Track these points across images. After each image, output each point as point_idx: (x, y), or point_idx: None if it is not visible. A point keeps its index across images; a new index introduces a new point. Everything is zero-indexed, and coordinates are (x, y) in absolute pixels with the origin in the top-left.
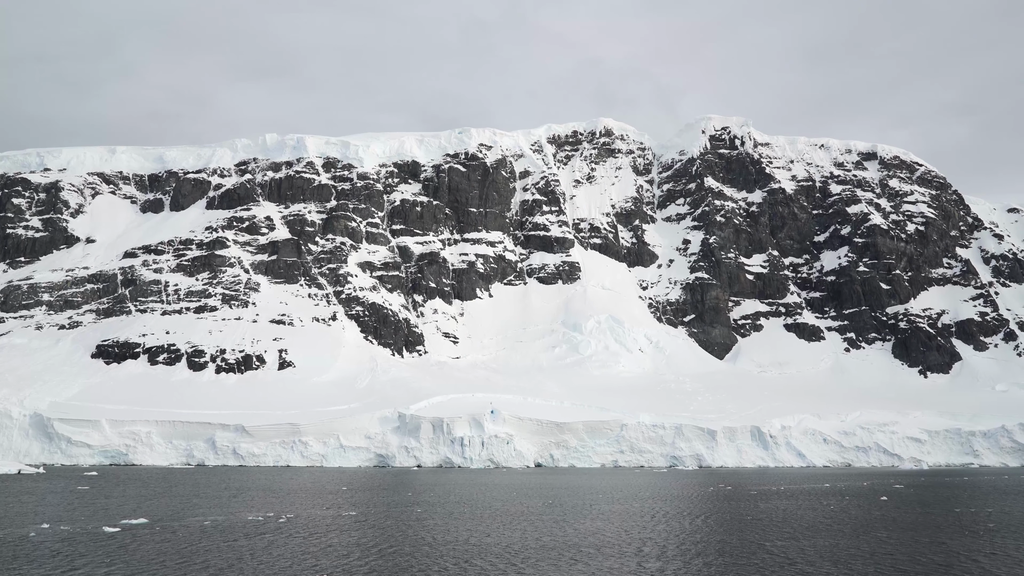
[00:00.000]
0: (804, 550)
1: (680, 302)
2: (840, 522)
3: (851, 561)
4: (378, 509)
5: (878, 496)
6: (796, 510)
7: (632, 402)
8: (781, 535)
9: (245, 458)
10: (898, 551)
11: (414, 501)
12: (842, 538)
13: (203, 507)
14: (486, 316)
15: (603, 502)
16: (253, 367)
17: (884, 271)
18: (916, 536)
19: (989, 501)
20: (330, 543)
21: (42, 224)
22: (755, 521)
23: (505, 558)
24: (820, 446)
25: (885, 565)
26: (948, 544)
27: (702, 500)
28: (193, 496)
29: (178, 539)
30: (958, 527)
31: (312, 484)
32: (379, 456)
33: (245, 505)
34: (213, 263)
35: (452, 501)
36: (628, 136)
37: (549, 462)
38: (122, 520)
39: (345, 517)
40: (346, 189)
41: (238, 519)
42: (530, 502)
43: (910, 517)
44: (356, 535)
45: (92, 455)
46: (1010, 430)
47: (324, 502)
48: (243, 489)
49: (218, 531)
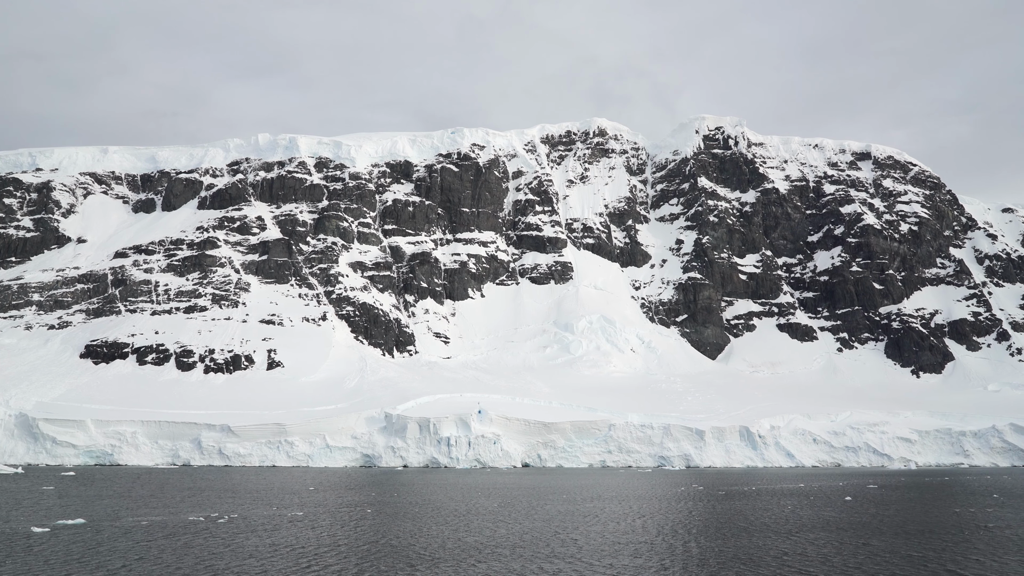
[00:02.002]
0: (719, 550)
1: (673, 302)
2: (780, 522)
3: (757, 562)
4: (327, 509)
5: (843, 497)
6: (747, 511)
7: (621, 402)
8: (709, 536)
9: (231, 458)
10: (812, 551)
11: (371, 502)
12: (766, 538)
13: (151, 507)
14: (478, 316)
15: (558, 502)
16: (242, 367)
17: (877, 271)
18: (842, 536)
19: (957, 502)
20: (248, 544)
21: (33, 224)
22: (694, 522)
23: (408, 559)
24: (809, 446)
25: (785, 566)
26: (871, 545)
27: (662, 500)
28: (151, 496)
29: (98, 540)
30: (897, 528)
31: (282, 484)
32: (365, 456)
33: (195, 505)
34: (204, 263)
35: (408, 502)
36: (622, 136)
37: (537, 462)
38: (58, 520)
39: (288, 517)
40: (338, 189)
41: (178, 519)
42: (486, 502)
43: (858, 518)
44: (282, 535)
45: (77, 455)
46: (1000, 430)
47: (278, 502)
48: (204, 489)
49: (146, 531)
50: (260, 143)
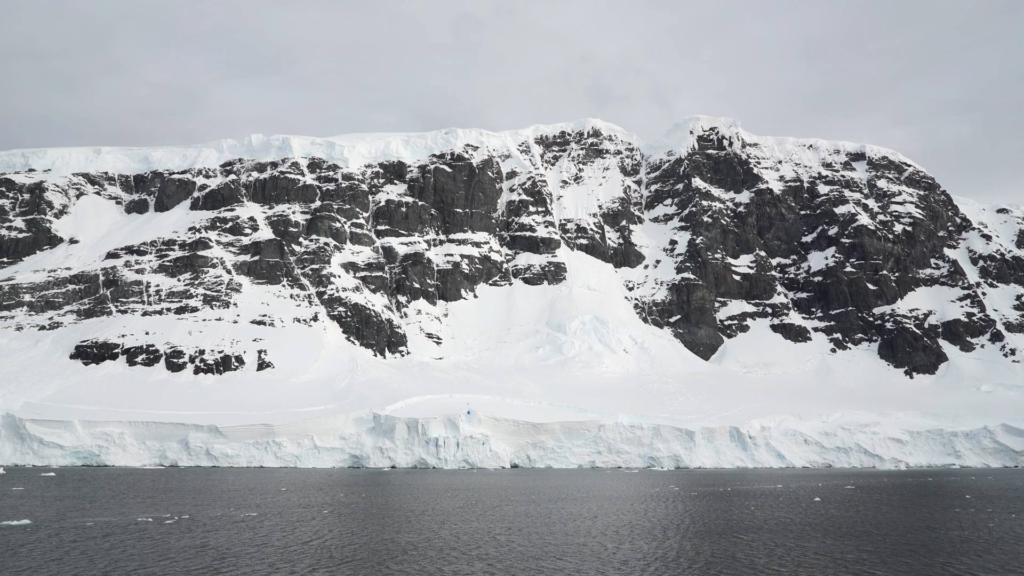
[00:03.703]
0: (645, 552)
1: (666, 303)
2: (727, 524)
3: (676, 563)
4: (282, 511)
5: (813, 498)
6: (705, 512)
7: (612, 403)
8: (645, 538)
9: (219, 459)
10: (741, 554)
11: (334, 503)
12: (701, 540)
13: (106, 508)
14: (470, 317)
15: (521, 503)
16: (232, 368)
17: (871, 271)
18: (782, 538)
19: (925, 503)
20: (178, 544)
21: (25, 225)
22: (641, 524)
23: (328, 560)
24: (800, 447)
25: (705, 568)
26: (803, 547)
27: (626, 502)
28: (112, 496)
29: (28, 541)
30: (843, 530)
31: (257, 485)
32: (353, 457)
33: (152, 506)
34: (195, 264)
35: (371, 503)
36: (616, 136)
37: (526, 463)
38: (3, 521)
39: (238, 518)
40: (331, 189)
41: (125, 520)
42: (450, 503)
43: (811, 519)
44: (218, 536)
45: (64, 456)
46: (992, 431)
47: (239, 503)
48: (174, 489)
49: (83, 532)
50: (253, 143)
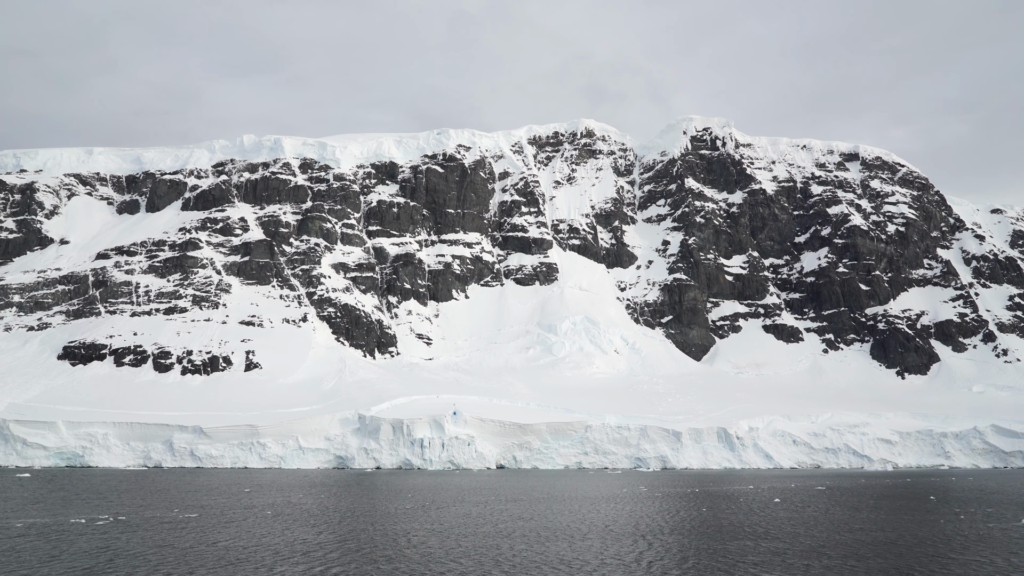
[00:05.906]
0: (560, 555)
1: (658, 303)
2: (666, 525)
3: (586, 566)
4: (228, 511)
5: (773, 499)
6: (654, 513)
7: (601, 403)
8: (569, 539)
9: (203, 460)
10: (668, 556)
11: (282, 503)
12: (629, 542)
13: (49, 509)
14: (461, 317)
15: (473, 504)
16: (219, 368)
17: (864, 272)
18: (707, 540)
19: (886, 505)
20: (87, 546)
21: (16, 225)
22: (575, 526)
23: (220, 561)
24: (789, 447)
25: (615, 569)
26: (726, 548)
27: (582, 502)
28: (64, 498)
29: None
30: (777, 531)
31: (224, 486)
32: (338, 458)
33: (97, 507)
34: (185, 264)
35: (323, 506)
36: (609, 137)
37: (512, 464)
38: None
39: (177, 519)
40: (322, 190)
41: (57, 521)
42: (403, 504)
43: (753, 519)
44: (134, 537)
45: (47, 457)
46: (982, 431)
47: (186, 504)
48: (134, 490)
49: (4, 534)
50: (245, 144)
